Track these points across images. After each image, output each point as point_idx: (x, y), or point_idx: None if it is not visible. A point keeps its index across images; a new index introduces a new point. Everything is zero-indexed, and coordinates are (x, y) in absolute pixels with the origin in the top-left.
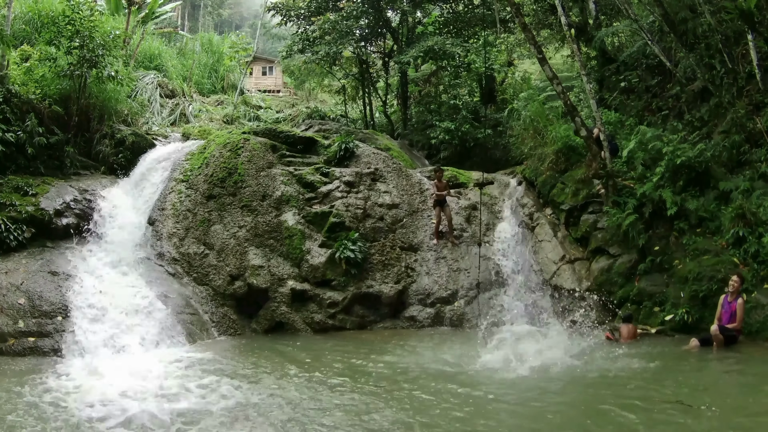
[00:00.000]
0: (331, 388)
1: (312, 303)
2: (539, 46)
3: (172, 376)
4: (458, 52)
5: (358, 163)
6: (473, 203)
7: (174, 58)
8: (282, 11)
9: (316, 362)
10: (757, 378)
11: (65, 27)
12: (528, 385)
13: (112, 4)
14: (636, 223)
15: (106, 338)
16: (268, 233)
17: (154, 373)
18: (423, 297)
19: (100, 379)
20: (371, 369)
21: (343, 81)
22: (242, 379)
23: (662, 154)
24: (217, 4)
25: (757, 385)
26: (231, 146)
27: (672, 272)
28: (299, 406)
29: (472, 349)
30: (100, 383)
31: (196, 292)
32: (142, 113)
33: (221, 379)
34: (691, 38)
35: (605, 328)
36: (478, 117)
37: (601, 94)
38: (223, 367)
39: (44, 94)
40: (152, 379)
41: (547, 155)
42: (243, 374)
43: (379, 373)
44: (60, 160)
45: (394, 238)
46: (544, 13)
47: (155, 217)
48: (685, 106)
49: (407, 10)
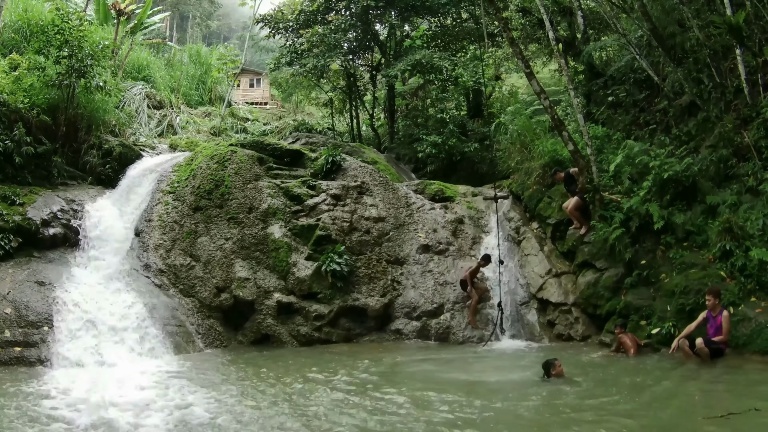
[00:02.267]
0: (313, 399)
1: (298, 316)
2: (527, 60)
3: (155, 387)
4: (446, 65)
5: (344, 176)
6: (459, 217)
7: (162, 69)
8: (270, 23)
9: (301, 375)
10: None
11: (54, 36)
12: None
13: (101, 14)
14: (622, 237)
15: (91, 349)
16: (254, 245)
17: (138, 384)
18: (409, 310)
19: (85, 390)
20: (355, 381)
21: (330, 94)
22: (224, 392)
23: (649, 168)
24: (206, 15)
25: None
26: (218, 158)
27: (659, 286)
28: (284, 418)
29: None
30: (84, 394)
31: (182, 304)
32: (130, 124)
33: (204, 391)
34: (679, 53)
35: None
36: (465, 131)
37: (589, 109)
38: (207, 379)
39: (32, 103)
40: (136, 390)
41: (533, 169)
42: (226, 387)
43: (360, 383)
44: (47, 169)
45: (380, 251)
46: (532, 28)
47: (142, 228)
48: (672, 121)
49: (395, 23)
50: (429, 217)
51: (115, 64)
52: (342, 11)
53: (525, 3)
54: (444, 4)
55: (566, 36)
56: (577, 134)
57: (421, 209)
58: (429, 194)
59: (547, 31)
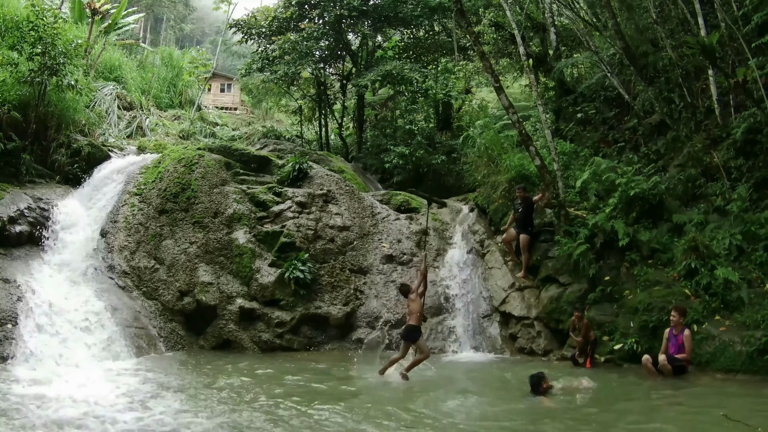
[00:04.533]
0: (261, 407)
1: (260, 322)
2: (496, 75)
3: (114, 388)
4: (416, 77)
5: (311, 184)
6: (424, 228)
7: (134, 71)
8: (244, 29)
9: (259, 380)
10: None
11: (28, 33)
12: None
13: (75, 12)
14: (587, 252)
15: (53, 347)
16: (218, 250)
17: (97, 383)
18: (371, 320)
19: (42, 388)
20: (311, 388)
21: (300, 102)
22: (179, 394)
23: (616, 185)
24: (180, 18)
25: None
26: (185, 162)
27: (622, 302)
28: (237, 424)
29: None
30: (41, 393)
31: (145, 306)
32: (100, 124)
33: (160, 393)
34: (651, 72)
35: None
36: (432, 143)
37: (558, 125)
38: (165, 382)
39: (3, 99)
40: (93, 389)
41: (500, 183)
42: (182, 389)
43: (315, 391)
44: (16, 167)
45: (344, 260)
46: (504, 42)
47: (107, 229)
48: (641, 139)
49: (368, 33)
50: (394, 228)
51: (88, 64)
52: (315, 19)
53: (498, 18)
54: (417, 16)
55: (538, 52)
56: (544, 150)
57: (386, 219)
58: (394, 205)
59: (519, 46)
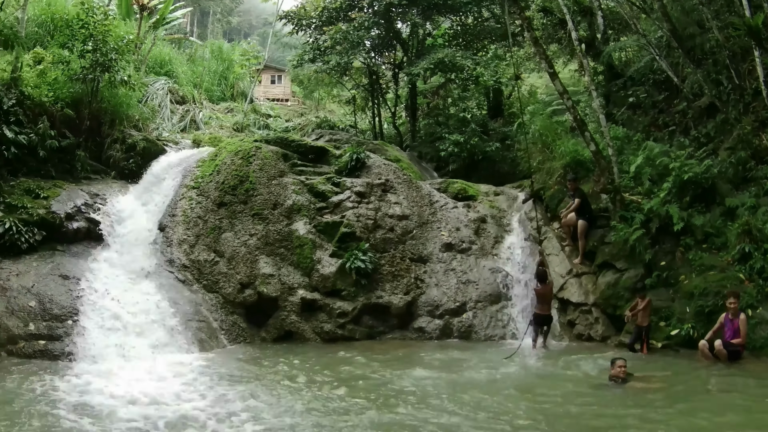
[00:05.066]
0: (338, 397)
1: (322, 313)
2: (550, 60)
3: (178, 382)
4: (468, 64)
5: (369, 173)
6: (482, 216)
7: (184, 65)
8: (293, 20)
9: (324, 372)
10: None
11: (79, 30)
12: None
13: (123, 9)
14: (642, 238)
15: (115, 343)
16: (278, 242)
17: (161, 378)
18: (432, 308)
19: (108, 383)
20: (379, 380)
21: (352, 91)
22: (246, 385)
23: (669, 170)
24: (227, 11)
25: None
26: (242, 154)
27: (678, 287)
28: (304, 415)
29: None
30: (107, 387)
31: (205, 300)
32: (153, 119)
33: (225, 385)
34: (698, 54)
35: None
36: (486, 130)
37: (609, 110)
38: (230, 375)
39: (56, 97)
40: (158, 385)
41: (555, 169)
42: (248, 381)
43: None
44: (71, 163)
45: (403, 249)
46: (554, 28)
47: (166, 224)
48: (691, 122)
49: (417, 22)
50: (452, 216)
51: (138, 59)
52: (365, 9)
53: (546, 3)
54: (466, 2)
55: (586, 36)
56: (597, 135)
57: (444, 208)
58: (452, 193)
59: (570, 31)
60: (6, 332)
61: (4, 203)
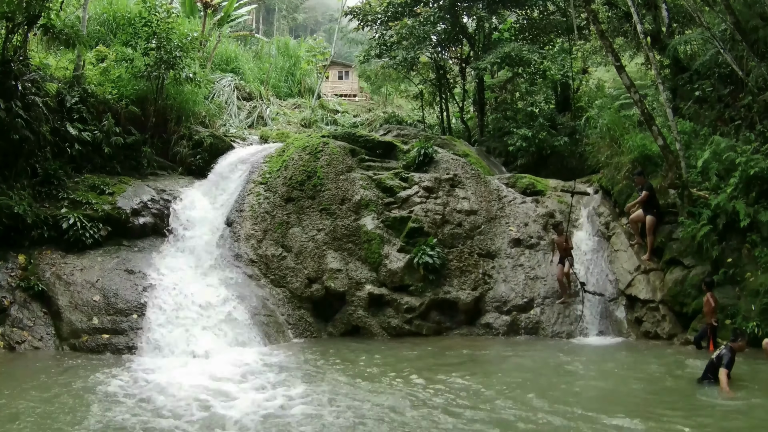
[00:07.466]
0: (411, 393)
1: (389, 308)
2: (617, 53)
3: (246, 377)
4: (534, 58)
5: (436, 168)
6: (550, 211)
7: (250, 62)
8: (359, 16)
9: (396, 368)
10: None
11: (142, 28)
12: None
13: (187, 7)
14: (710, 234)
15: (181, 338)
16: (346, 237)
17: (229, 373)
18: (499, 304)
19: (173, 377)
20: (447, 374)
21: (420, 86)
22: (314, 379)
23: (735, 165)
24: (292, 8)
25: None
26: (310, 149)
27: (744, 285)
28: (383, 414)
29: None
30: (172, 381)
31: (272, 294)
32: (220, 115)
33: (293, 379)
34: (762, 47)
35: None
36: (554, 124)
37: (675, 104)
38: (297, 368)
39: (120, 94)
40: (225, 380)
41: (623, 164)
42: (316, 375)
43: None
44: (137, 160)
45: (471, 244)
46: (619, 21)
47: (233, 219)
48: (756, 117)
49: (483, 16)
50: (520, 211)
51: (204, 56)
52: (430, 4)
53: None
54: None
55: (651, 29)
56: (664, 129)
57: (512, 203)
58: (520, 188)
59: (635, 23)
60: (69, 326)
61: (68, 199)
